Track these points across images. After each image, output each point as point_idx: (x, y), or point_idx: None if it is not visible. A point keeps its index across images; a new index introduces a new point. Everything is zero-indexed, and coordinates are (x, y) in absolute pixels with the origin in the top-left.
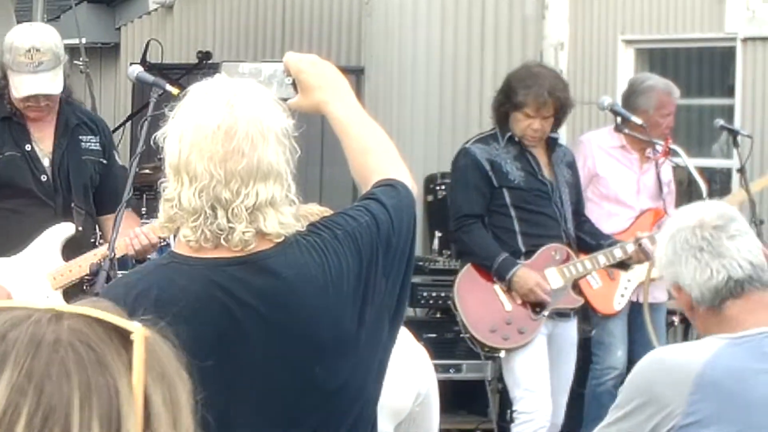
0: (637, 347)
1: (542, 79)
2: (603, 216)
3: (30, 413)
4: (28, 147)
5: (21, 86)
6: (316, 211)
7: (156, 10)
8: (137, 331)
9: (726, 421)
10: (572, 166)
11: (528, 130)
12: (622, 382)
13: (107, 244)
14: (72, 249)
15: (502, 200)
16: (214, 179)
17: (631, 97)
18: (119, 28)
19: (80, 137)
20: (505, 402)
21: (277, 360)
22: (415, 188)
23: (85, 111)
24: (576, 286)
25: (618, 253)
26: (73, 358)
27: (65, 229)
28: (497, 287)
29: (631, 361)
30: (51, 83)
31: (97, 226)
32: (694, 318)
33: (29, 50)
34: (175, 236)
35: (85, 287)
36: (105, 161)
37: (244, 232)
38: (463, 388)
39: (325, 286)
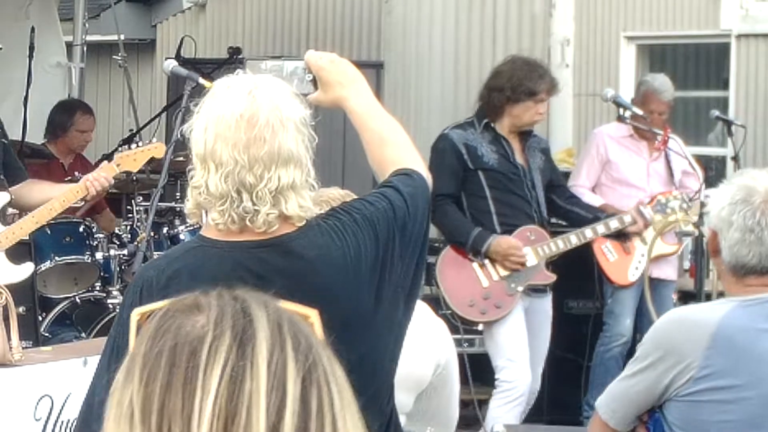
0: (641, 318)
1: (544, 67)
2: (617, 198)
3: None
4: None
5: None
6: (338, 195)
7: (190, 8)
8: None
9: (735, 374)
10: (546, 152)
11: (536, 115)
12: (629, 349)
13: (39, 211)
14: None
15: (478, 182)
16: (239, 165)
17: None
18: (155, 26)
19: None
20: None
21: None
22: (430, 177)
23: None
24: (549, 265)
25: (614, 224)
26: None
27: (1, 198)
28: (475, 265)
29: (636, 331)
30: None
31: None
32: (716, 261)
33: None
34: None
35: (123, 267)
36: (5, 141)
37: (268, 214)
38: (477, 361)
39: (344, 267)
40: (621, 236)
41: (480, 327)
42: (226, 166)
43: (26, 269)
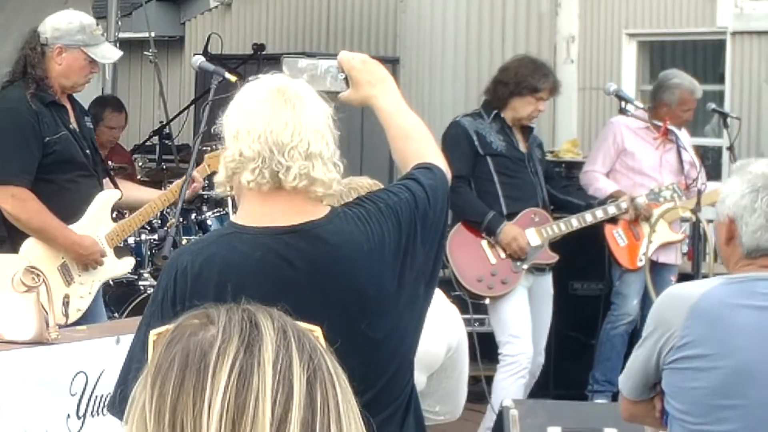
0: (646, 299)
1: (549, 68)
2: (630, 186)
3: None
4: (71, 126)
5: (110, 52)
6: (366, 184)
7: (216, 7)
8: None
9: (708, 343)
10: (541, 147)
11: (534, 111)
12: (634, 328)
13: (144, 208)
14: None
15: (486, 167)
16: (271, 125)
17: (658, 90)
18: (184, 23)
19: (84, 117)
20: None
21: (327, 317)
22: (449, 171)
23: None
24: (551, 245)
25: (612, 210)
26: None
27: (113, 195)
28: (484, 243)
29: (642, 311)
30: None
31: None
32: (725, 248)
33: (98, 25)
34: (233, 210)
35: (153, 251)
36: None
37: (300, 169)
38: (486, 339)
39: (368, 252)
40: (630, 222)
41: (487, 301)
42: (258, 129)
43: (128, 264)
